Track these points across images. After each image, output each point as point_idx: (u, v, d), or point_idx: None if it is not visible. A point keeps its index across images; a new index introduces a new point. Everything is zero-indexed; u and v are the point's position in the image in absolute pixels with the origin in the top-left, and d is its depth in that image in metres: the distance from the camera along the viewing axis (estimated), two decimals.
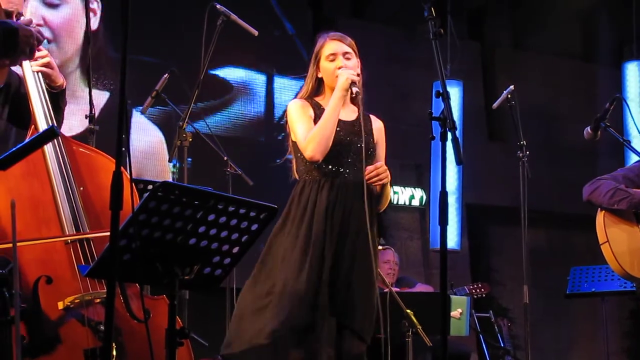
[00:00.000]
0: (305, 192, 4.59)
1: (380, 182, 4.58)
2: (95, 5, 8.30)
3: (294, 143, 4.70)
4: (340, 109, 4.61)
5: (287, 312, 4.43)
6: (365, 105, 4.73)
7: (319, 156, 4.53)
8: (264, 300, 4.51)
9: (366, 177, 4.54)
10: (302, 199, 4.59)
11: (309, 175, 4.63)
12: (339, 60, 4.70)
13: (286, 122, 4.79)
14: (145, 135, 8.50)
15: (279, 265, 4.53)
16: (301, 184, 4.65)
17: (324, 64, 4.74)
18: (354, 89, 4.58)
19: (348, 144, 4.63)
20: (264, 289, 4.53)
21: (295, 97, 4.92)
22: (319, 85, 4.80)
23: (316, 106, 4.73)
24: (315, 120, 4.65)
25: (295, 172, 4.76)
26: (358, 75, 4.65)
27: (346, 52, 4.73)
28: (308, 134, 4.56)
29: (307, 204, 4.56)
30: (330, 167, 4.60)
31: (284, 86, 9.66)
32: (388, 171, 4.60)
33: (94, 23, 8.28)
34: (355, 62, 4.74)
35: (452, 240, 9.94)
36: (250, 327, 4.50)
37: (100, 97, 7.89)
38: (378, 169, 4.55)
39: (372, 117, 4.81)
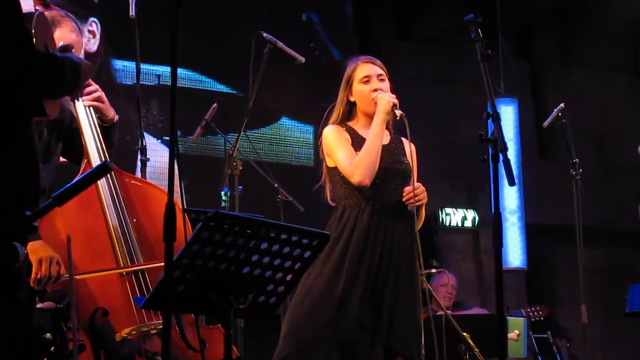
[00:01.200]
0: (345, 217, 4.59)
1: (419, 203, 4.58)
2: (94, 27, 8.36)
3: (331, 169, 4.71)
4: (383, 132, 4.62)
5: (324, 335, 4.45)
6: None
7: (367, 181, 4.52)
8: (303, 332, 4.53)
9: (405, 198, 4.54)
10: (340, 223, 4.59)
11: (348, 200, 4.62)
12: (373, 83, 4.70)
13: (321, 148, 4.81)
14: (158, 156, 8.53)
15: (314, 286, 4.54)
16: (341, 209, 4.64)
17: (357, 87, 4.73)
18: (397, 112, 4.58)
19: (387, 167, 4.64)
20: (303, 311, 4.55)
21: (326, 123, 4.92)
22: (349, 110, 4.81)
23: (350, 130, 4.73)
24: (353, 145, 4.66)
25: (331, 197, 4.77)
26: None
27: (380, 75, 4.73)
28: (353, 159, 4.56)
29: (345, 227, 4.56)
30: (370, 191, 4.59)
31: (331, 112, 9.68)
32: (425, 192, 4.61)
33: (94, 45, 8.33)
34: (387, 84, 4.74)
35: (517, 259, 9.90)
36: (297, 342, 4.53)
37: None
38: (416, 190, 4.55)
39: (403, 139, 4.80)
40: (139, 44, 5.25)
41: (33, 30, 3.08)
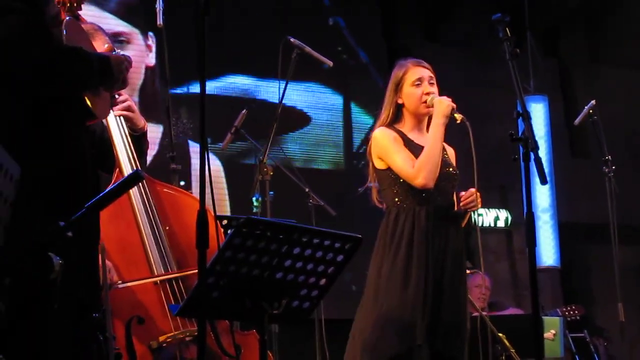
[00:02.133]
0: (401, 219, 4.59)
1: (476, 208, 4.59)
2: (151, 42, 8.41)
3: (380, 171, 4.71)
4: (443, 135, 4.62)
5: (388, 349, 4.45)
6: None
7: (431, 183, 4.54)
8: (369, 335, 4.52)
9: (463, 202, 4.55)
10: (398, 225, 4.59)
11: (402, 202, 4.63)
12: (425, 86, 4.70)
13: (368, 150, 4.81)
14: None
15: (381, 298, 4.55)
16: (394, 211, 4.63)
17: (408, 89, 4.72)
18: (458, 116, 4.58)
19: (441, 171, 4.64)
20: (368, 322, 4.55)
21: (374, 125, 4.93)
22: (397, 113, 4.81)
23: (399, 133, 4.73)
24: (408, 147, 4.66)
25: (379, 200, 4.77)
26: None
27: (430, 78, 4.74)
28: (415, 162, 4.57)
29: (404, 230, 4.57)
30: (424, 194, 4.60)
31: (360, 114, 9.68)
32: (480, 197, 4.61)
33: (151, 59, 8.39)
34: (436, 88, 4.74)
35: (551, 257, 9.87)
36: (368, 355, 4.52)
37: (156, 130, 7.91)
38: (473, 194, 4.56)
39: (444, 144, 4.81)
40: (167, 51, 5.27)
41: (65, 32, 3.15)
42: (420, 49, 9.24)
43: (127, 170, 4.18)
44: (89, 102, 3.21)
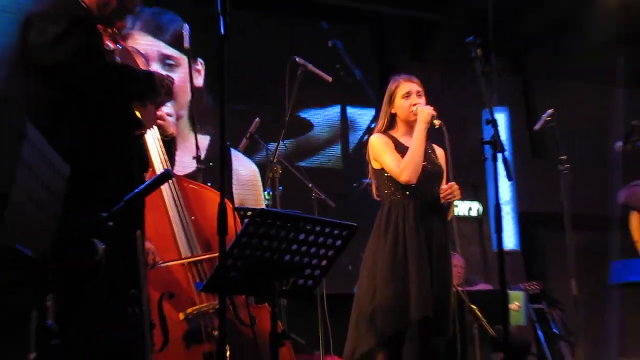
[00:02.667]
0: (393, 212, 4.61)
1: (454, 198, 4.59)
2: (200, 66, 8.44)
3: (376, 170, 4.73)
4: (425, 138, 4.62)
5: (387, 319, 4.45)
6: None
7: (414, 179, 4.56)
8: (366, 308, 4.52)
9: (443, 195, 4.55)
10: (391, 219, 4.60)
11: (394, 197, 4.64)
12: (413, 98, 4.72)
13: (367, 153, 4.81)
14: (243, 168, 8.58)
15: (377, 277, 4.54)
16: (387, 205, 4.65)
17: (399, 101, 4.75)
18: (436, 122, 4.59)
19: (425, 169, 4.64)
20: (366, 298, 4.54)
21: (371, 132, 4.95)
22: (391, 121, 4.81)
23: (392, 138, 4.74)
24: (395, 150, 4.67)
25: (377, 194, 4.78)
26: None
27: (418, 91, 4.76)
28: (400, 162, 4.58)
29: (397, 220, 4.58)
30: (413, 189, 4.60)
31: (355, 121, 9.69)
32: (459, 189, 4.60)
33: (200, 81, 8.43)
34: (424, 99, 4.75)
35: (511, 242, 9.91)
36: (361, 332, 4.52)
37: (204, 140, 8.00)
38: (452, 187, 4.56)
39: (435, 145, 4.81)
40: (191, 70, 5.26)
41: (118, 58, 3.22)
42: (406, 67, 9.22)
43: (158, 169, 4.19)
44: (138, 114, 3.23)
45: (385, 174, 4.68)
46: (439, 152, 4.81)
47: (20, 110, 2.87)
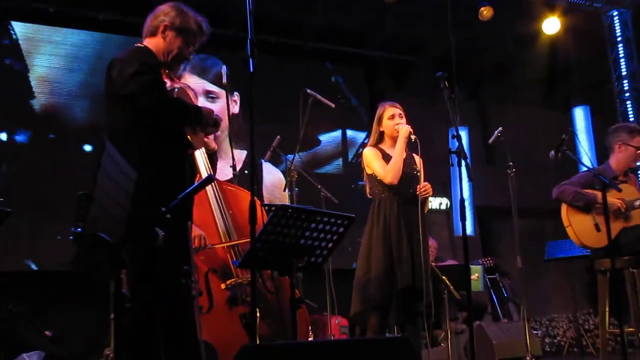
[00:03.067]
0: (382, 207, 4.59)
1: (428, 194, 4.58)
2: (236, 97, 8.46)
3: (369, 175, 4.73)
4: (404, 150, 4.63)
5: (376, 289, 4.44)
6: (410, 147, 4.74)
7: (396, 181, 4.56)
8: (363, 279, 4.51)
9: (419, 192, 4.55)
10: (380, 211, 4.58)
11: (382, 194, 4.63)
12: (396, 119, 4.73)
13: (362, 161, 4.81)
14: (271, 175, 8.60)
15: (371, 256, 4.53)
16: (377, 201, 4.64)
17: (386, 122, 4.75)
18: (413, 137, 4.61)
19: (406, 173, 4.63)
20: (363, 271, 4.54)
21: (364, 146, 4.96)
22: (379, 137, 4.82)
23: (381, 150, 4.74)
24: (383, 159, 4.66)
25: (369, 193, 4.78)
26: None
27: (400, 114, 4.76)
28: (386, 168, 4.59)
29: (385, 214, 4.56)
30: (396, 189, 4.59)
31: (353, 137, 9.69)
32: (431, 188, 4.60)
33: (236, 109, 8.43)
34: (404, 120, 4.76)
35: (469, 229, 9.90)
36: (359, 297, 4.51)
37: (242, 155, 8.00)
38: (426, 186, 4.56)
39: (414, 155, 4.80)
40: (229, 101, 5.25)
41: (175, 94, 3.26)
42: (391, 96, 9.23)
43: (204, 174, 4.20)
44: (189, 138, 3.26)
45: (375, 178, 4.68)
46: (417, 159, 4.79)
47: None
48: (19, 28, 7.85)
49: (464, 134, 9.82)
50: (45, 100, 7.87)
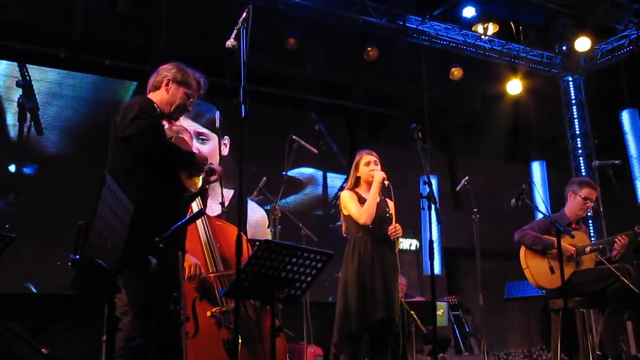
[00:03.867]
0: (357, 245, 4.57)
1: (399, 235, 4.58)
2: (226, 140, 8.48)
3: (345, 216, 4.71)
4: (378, 194, 4.63)
5: (351, 320, 4.41)
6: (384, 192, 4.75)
7: (369, 222, 4.54)
8: (340, 311, 4.47)
9: (390, 232, 4.55)
10: (355, 249, 4.56)
11: (358, 234, 4.61)
12: (371, 166, 4.74)
13: (339, 203, 4.80)
14: (255, 214, 8.58)
15: (347, 289, 4.50)
16: (353, 239, 4.62)
17: (362, 168, 4.75)
18: (386, 182, 4.61)
19: (379, 215, 4.63)
20: (340, 304, 4.50)
21: (342, 189, 4.95)
22: (356, 181, 4.83)
23: (357, 194, 4.74)
24: (359, 201, 4.66)
25: (345, 232, 4.76)
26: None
27: (375, 161, 4.77)
28: (360, 210, 4.58)
29: (359, 250, 4.54)
30: (370, 229, 4.58)
31: (332, 181, 9.71)
32: (402, 229, 4.60)
33: (225, 151, 8.44)
34: (379, 166, 4.77)
35: (437, 268, 9.88)
36: (337, 328, 4.46)
37: (229, 193, 7.98)
38: (397, 227, 4.56)
39: (387, 199, 4.80)
40: (220, 144, 5.26)
41: (173, 140, 3.27)
42: (368, 144, 9.29)
43: (195, 209, 4.18)
44: (183, 180, 3.26)
45: (351, 218, 4.67)
46: (390, 203, 4.80)
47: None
48: (32, 70, 7.91)
49: (434, 181, 9.80)
50: (53, 136, 7.88)
